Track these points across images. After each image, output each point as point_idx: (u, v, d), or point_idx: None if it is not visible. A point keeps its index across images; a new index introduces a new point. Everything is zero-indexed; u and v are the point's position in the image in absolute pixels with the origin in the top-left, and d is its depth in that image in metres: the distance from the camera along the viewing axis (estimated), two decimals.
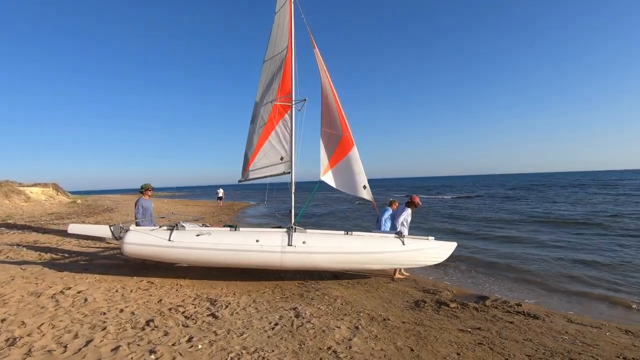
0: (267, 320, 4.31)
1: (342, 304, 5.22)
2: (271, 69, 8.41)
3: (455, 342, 3.97)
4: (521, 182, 71.32)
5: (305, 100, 8.04)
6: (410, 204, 7.66)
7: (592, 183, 53.01)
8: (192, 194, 72.71)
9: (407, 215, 7.54)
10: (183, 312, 4.49)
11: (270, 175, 8.30)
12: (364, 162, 7.99)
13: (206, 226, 7.14)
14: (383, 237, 6.92)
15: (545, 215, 18.58)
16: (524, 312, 5.19)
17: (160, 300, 4.97)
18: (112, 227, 6.70)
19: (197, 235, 6.16)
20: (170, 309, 4.59)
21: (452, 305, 5.39)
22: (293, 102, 8.01)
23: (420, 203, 7.84)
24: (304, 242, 6.27)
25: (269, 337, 3.80)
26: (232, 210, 26.55)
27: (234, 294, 5.56)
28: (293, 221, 7.02)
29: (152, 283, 5.94)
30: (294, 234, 6.38)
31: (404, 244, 6.68)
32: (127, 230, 6.24)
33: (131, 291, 5.34)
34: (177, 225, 6.35)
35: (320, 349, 3.56)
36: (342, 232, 6.92)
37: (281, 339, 3.76)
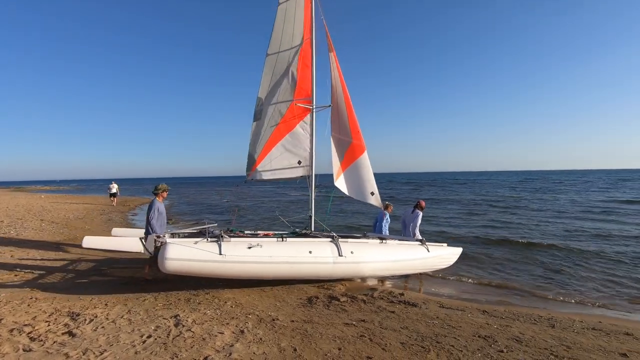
0: (138, 333, 3.82)
1: (231, 307, 4.96)
2: (279, 65, 7.94)
3: (339, 336, 4.05)
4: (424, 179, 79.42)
5: (329, 106, 7.98)
6: (420, 207, 8.23)
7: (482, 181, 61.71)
8: (85, 189, 63.68)
9: (420, 219, 8.16)
10: (29, 333, 3.72)
11: (286, 179, 8.05)
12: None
13: (231, 232, 6.61)
14: (411, 244, 7.33)
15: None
16: (405, 301, 5.61)
17: (0, 320, 4.05)
18: (143, 240, 5.91)
19: (249, 248, 5.72)
20: (11, 331, 3.76)
21: (343, 299, 5.56)
22: (314, 107, 7.83)
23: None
24: (352, 253, 6.36)
25: (136, 353, 3.36)
26: (126, 207, 23.86)
27: (106, 304, 4.85)
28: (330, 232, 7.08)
29: None
30: (341, 244, 6.41)
31: (429, 251, 7.24)
32: (163, 243, 5.43)
33: None
34: (221, 236, 5.80)
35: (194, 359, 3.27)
36: (377, 240, 7.10)
37: (151, 353, 3.35)
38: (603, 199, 25.83)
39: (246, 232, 7.25)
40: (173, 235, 5.99)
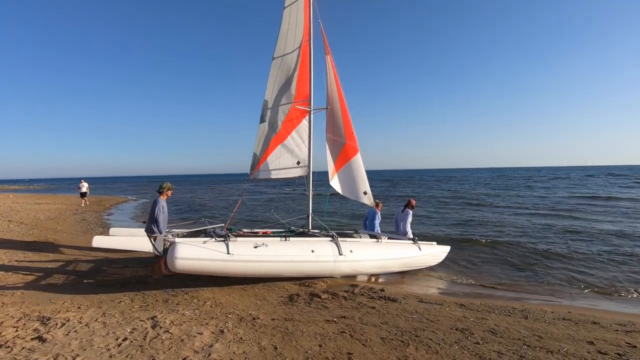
0: (114, 336, 3.71)
1: (211, 307, 4.89)
2: (283, 68, 8.23)
3: (320, 333, 4.06)
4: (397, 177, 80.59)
5: (327, 108, 8.33)
6: (410, 206, 8.50)
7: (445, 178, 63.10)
8: (56, 188, 60.92)
9: (411, 217, 8.48)
10: None
11: (286, 178, 8.37)
12: None
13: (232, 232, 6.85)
14: (404, 243, 7.67)
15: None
16: (385, 296, 5.69)
17: None
18: (152, 239, 5.94)
19: (255, 247, 5.95)
20: None
21: (324, 296, 5.58)
22: (312, 109, 8.13)
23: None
24: (351, 252, 6.70)
25: (111, 356, 3.26)
26: (101, 206, 23.08)
27: (79, 307, 4.69)
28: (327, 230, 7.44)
29: None
30: (341, 243, 6.71)
31: (420, 249, 7.60)
32: (172, 243, 5.62)
33: None
34: (227, 235, 6.05)
35: None
36: (374, 240, 7.52)
37: (127, 356, 3.26)
38: (569, 195, 26.95)
39: (245, 230, 7.48)
40: (177, 235, 6.15)
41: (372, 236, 7.84)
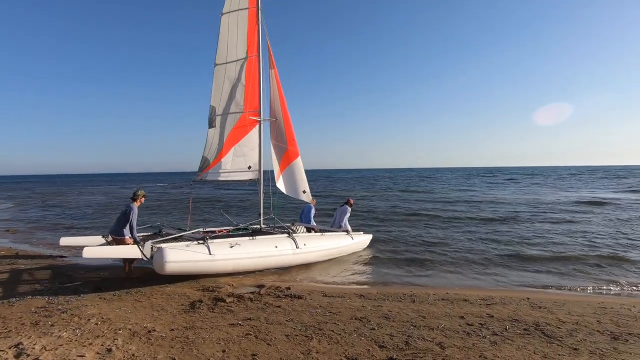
0: None
1: (96, 324, 4.32)
2: (229, 76, 8.83)
3: (223, 338, 3.95)
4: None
5: (275, 119, 9.32)
6: (348, 204, 10.26)
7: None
8: None
9: (349, 213, 10.14)
10: None
11: (237, 181, 9.14)
12: None
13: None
14: (341, 235, 9.20)
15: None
16: (291, 294, 5.80)
17: None
18: (140, 246, 6.32)
19: (231, 247, 6.87)
20: None
21: (229, 300, 5.42)
22: (262, 119, 8.97)
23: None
24: (304, 244, 7.90)
25: None
26: None
27: None
28: (286, 226, 8.80)
29: None
30: (297, 238, 7.93)
31: (352, 239, 9.28)
32: (159, 248, 6.21)
33: None
34: (205, 238, 6.81)
35: None
36: (319, 233, 9.01)
37: None
38: (460, 190, 31.33)
39: (204, 230, 8.29)
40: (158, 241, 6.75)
41: (307, 228, 9.50)
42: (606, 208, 18.92)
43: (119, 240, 6.65)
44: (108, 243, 7.37)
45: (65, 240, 7.80)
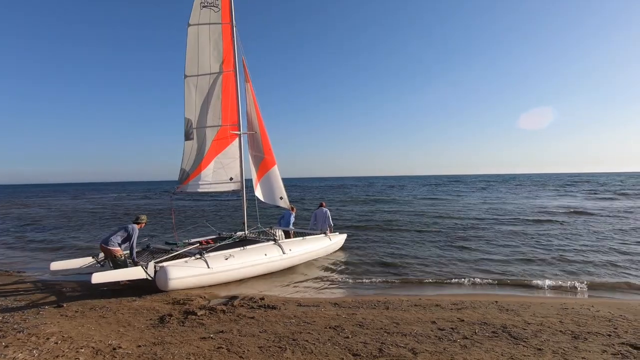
0: None
1: (56, 343, 4.08)
2: (201, 89, 8.78)
3: (193, 353, 3.82)
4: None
5: (254, 132, 9.69)
6: (323, 206, 11.23)
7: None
8: None
9: (329, 215, 10.97)
10: None
11: (219, 192, 9.32)
12: None
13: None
14: (319, 237, 10.04)
15: None
16: (265, 305, 5.71)
17: None
18: (144, 267, 6.49)
19: (226, 259, 7.33)
20: None
21: (200, 313, 5.27)
22: (241, 132, 9.21)
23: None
24: (290, 250, 8.55)
25: None
26: None
27: None
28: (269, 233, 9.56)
29: None
30: (283, 244, 8.57)
31: (330, 240, 10.25)
32: (161, 267, 6.56)
33: None
34: (201, 252, 7.21)
35: None
36: (300, 238, 9.65)
37: None
38: (431, 196, 32.09)
39: (193, 240, 8.70)
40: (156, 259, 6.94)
41: (285, 231, 10.20)
42: (566, 215, 19.97)
43: (108, 250, 6.70)
44: (98, 262, 7.32)
45: (55, 265, 7.17)
